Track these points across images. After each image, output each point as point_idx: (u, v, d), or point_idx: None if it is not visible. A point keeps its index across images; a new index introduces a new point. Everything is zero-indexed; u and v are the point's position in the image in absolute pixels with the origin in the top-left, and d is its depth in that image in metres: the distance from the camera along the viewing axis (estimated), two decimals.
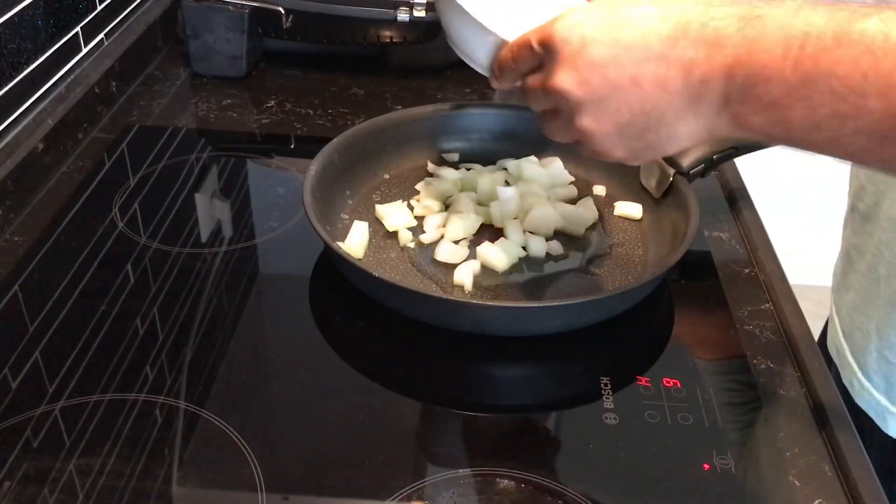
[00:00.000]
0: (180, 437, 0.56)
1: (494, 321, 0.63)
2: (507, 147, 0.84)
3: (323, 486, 0.52)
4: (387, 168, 0.82)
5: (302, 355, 0.64)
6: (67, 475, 0.52)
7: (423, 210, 0.77)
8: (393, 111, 0.86)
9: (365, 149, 0.80)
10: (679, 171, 0.72)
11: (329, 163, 0.75)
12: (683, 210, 0.70)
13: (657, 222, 0.75)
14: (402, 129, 0.83)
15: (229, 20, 0.99)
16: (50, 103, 0.86)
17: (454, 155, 0.84)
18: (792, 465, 0.55)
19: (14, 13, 0.80)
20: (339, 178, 0.77)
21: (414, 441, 0.57)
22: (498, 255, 0.70)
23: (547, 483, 0.53)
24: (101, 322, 0.65)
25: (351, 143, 0.78)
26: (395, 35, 1.01)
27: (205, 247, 0.75)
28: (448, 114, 0.85)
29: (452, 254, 0.71)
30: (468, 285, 0.68)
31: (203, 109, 0.97)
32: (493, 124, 0.85)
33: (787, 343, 0.65)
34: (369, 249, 0.72)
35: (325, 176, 0.74)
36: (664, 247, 0.71)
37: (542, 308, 0.65)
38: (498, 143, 0.85)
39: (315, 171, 0.73)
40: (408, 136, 0.83)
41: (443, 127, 0.85)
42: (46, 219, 0.77)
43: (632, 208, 0.77)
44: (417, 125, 0.84)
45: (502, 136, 0.85)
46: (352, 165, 0.78)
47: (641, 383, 0.61)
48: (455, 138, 0.85)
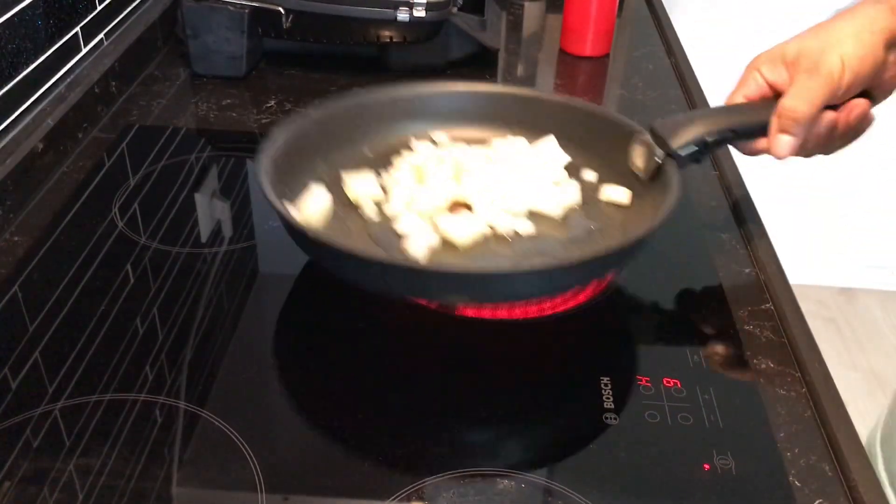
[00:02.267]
0: (180, 437, 0.56)
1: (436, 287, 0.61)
2: (501, 128, 0.80)
3: (323, 486, 0.52)
4: (370, 143, 0.78)
5: (302, 355, 0.64)
6: (67, 475, 0.52)
7: (392, 181, 0.73)
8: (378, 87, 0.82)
9: (346, 120, 0.77)
10: (669, 153, 0.68)
11: (301, 128, 0.72)
12: (667, 191, 0.66)
13: (641, 208, 0.71)
14: (388, 105, 0.79)
15: (229, 20, 0.99)
16: (50, 103, 0.86)
17: (441, 134, 0.80)
18: (792, 465, 0.55)
19: (14, 13, 0.80)
20: (312, 146, 0.73)
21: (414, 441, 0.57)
22: (458, 227, 0.66)
23: (547, 483, 0.53)
24: (101, 322, 0.65)
25: (331, 112, 0.76)
26: (395, 35, 1.01)
27: (205, 247, 0.75)
28: (440, 93, 0.82)
29: (414, 226, 0.66)
30: (421, 259, 0.64)
31: (203, 109, 0.97)
32: (488, 104, 0.81)
33: (787, 343, 0.65)
34: (332, 221, 0.69)
35: (294, 141, 0.70)
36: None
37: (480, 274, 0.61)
38: (493, 123, 0.81)
39: (282, 133, 0.70)
40: (394, 113, 0.80)
41: (433, 106, 0.81)
42: (46, 219, 0.77)
43: (619, 193, 0.73)
44: (404, 103, 0.80)
45: (498, 117, 0.81)
46: (329, 136, 0.75)
47: (641, 383, 0.61)
48: (446, 118, 0.81)
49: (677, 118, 0.70)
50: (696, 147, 0.68)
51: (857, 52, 0.64)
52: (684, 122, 0.69)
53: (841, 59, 0.64)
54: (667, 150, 0.68)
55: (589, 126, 0.78)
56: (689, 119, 0.70)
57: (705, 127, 0.68)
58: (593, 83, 1.12)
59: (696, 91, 1.05)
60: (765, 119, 0.67)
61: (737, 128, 0.69)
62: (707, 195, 0.84)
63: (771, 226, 0.79)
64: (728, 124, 0.69)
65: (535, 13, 1.31)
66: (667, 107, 1.02)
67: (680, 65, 1.12)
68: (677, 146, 0.68)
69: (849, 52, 0.64)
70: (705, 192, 0.84)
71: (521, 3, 1.32)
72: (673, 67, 1.13)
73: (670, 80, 1.09)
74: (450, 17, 1.03)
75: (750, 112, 0.69)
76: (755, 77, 0.70)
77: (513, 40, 1.23)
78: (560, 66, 1.14)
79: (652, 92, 1.06)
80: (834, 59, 0.64)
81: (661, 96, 1.05)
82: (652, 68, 1.13)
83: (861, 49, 0.64)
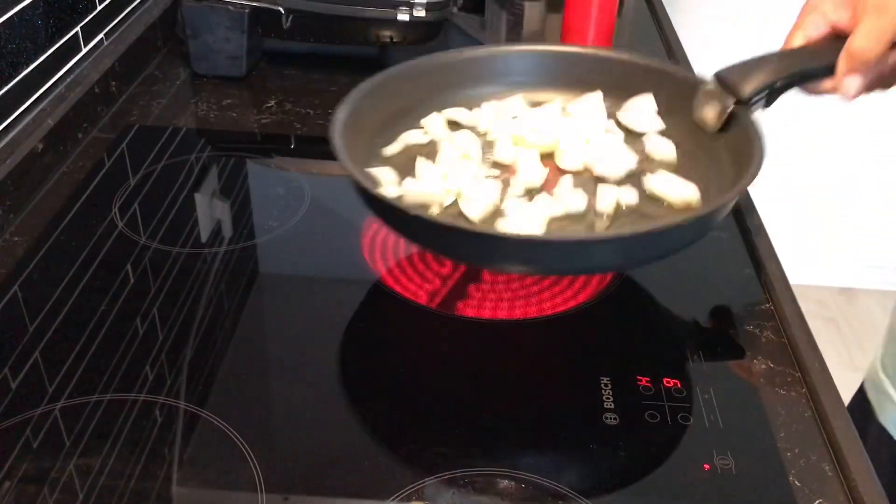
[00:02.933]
0: (180, 437, 0.56)
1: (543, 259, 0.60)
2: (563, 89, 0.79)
3: (323, 486, 0.52)
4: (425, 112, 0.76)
5: (302, 355, 0.64)
6: (67, 475, 0.52)
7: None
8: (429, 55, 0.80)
9: (398, 93, 0.75)
10: (740, 99, 0.66)
11: (356, 108, 0.70)
12: (746, 140, 0.64)
13: (712, 160, 0.69)
14: (441, 73, 0.78)
15: (229, 20, 0.99)
16: (50, 103, 0.86)
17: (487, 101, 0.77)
18: (792, 465, 0.55)
19: (14, 13, 0.80)
20: (367, 124, 0.72)
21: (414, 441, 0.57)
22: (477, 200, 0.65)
23: (547, 483, 0.53)
24: (101, 322, 0.65)
25: (380, 86, 0.74)
26: (395, 35, 1.01)
27: (205, 247, 0.75)
28: (492, 55, 0.80)
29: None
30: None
31: (203, 109, 0.97)
32: (543, 65, 0.80)
33: (787, 343, 0.65)
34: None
35: (352, 121, 0.69)
36: (726, 182, 0.65)
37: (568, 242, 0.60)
38: (555, 84, 0.80)
39: (342, 116, 0.68)
40: (449, 81, 0.78)
41: (488, 69, 0.79)
42: (46, 219, 0.77)
43: (664, 148, 0.71)
44: (460, 68, 0.78)
45: (558, 79, 0.79)
46: (382, 111, 0.73)
47: (641, 383, 0.61)
48: (508, 81, 0.79)
49: (744, 64, 0.68)
50: (766, 92, 0.67)
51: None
52: (752, 68, 0.67)
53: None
54: (738, 96, 0.67)
55: (647, 79, 0.76)
56: (757, 64, 0.68)
57: (774, 72, 0.67)
58: None
59: None
60: (831, 60, 0.66)
61: (805, 71, 0.67)
62: None
63: (771, 226, 0.79)
64: (797, 67, 0.67)
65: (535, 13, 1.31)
66: None
67: (680, 65, 1.12)
68: (749, 92, 0.66)
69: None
70: None
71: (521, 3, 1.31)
72: None
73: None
74: (450, 17, 1.03)
75: (816, 54, 0.67)
76: (815, 17, 0.68)
77: (513, 40, 1.23)
78: None
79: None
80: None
81: None
82: None
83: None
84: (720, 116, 0.69)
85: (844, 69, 0.65)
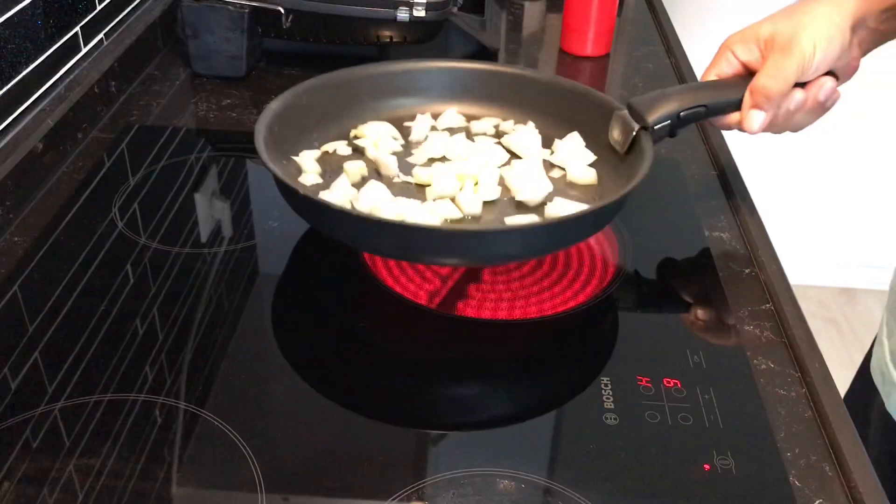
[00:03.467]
0: (180, 437, 0.56)
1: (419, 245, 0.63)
2: (487, 105, 0.85)
3: (323, 486, 0.52)
4: (362, 118, 0.82)
5: (302, 355, 0.64)
6: (67, 475, 0.52)
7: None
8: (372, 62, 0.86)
9: (340, 94, 0.81)
10: (643, 126, 0.71)
11: (294, 102, 0.76)
12: (640, 161, 0.69)
13: (615, 180, 0.74)
14: (381, 80, 0.83)
15: (229, 20, 0.99)
16: (50, 103, 0.86)
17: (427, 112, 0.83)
18: (792, 465, 0.55)
19: (14, 13, 0.80)
20: (306, 118, 0.77)
21: (414, 441, 0.57)
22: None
23: (547, 483, 0.53)
24: (101, 322, 0.65)
25: (323, 86, 0.79)
26: (395, 35, 1.01)
27: (205, 247, 0.75)
28: (426, 69, 0.85)
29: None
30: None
31: (203, 109, 0.97)
32: (473, 82, 0.85)
33: (787, 343, 0.65)
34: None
35: (287, 113, 0.74)
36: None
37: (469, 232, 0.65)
38: (478, 101, 0.85)
39: (276, 105, 0.74)
40: (388, 89, 0.83)
41: (427, 82, 0.85)
42: (46, 219, 0.77)
43: (585, 173, 0.76)
44: (399, 78, 0.84)
45: (483, 95, 0.85)
46: (323, 109, 0.79)
47: (641, 383, 0.61)
48: (430, 95, 0.85)
49: (653, 94, 0.73)
50: (669, 121, 0.71)
51: (827, 33, 0.67)
52: (659, 98, 0.73)
53: (813, 40, 0.67)
54: (642, 123, 0.72)
55: (575, 103, 0.82)
56: (665, 95, 0.73)
57: (679, 102, 0.72)
58: (593, 83, 1.12)
59: None
60: (737, 95, 0.71)
61: (709, 103, 0.72)
62: (707, 195, 0.84)
63: (771, 226, 0.80)
64: (701, 100, 0.72)
65: (535, 13, 1.31)
66: None
67: (680, 65, 1.12)
68: (652, 120, 0.71)
69: (820, 33, 0.67)
70: (706, 192, 0.84)
71: (521, 3, 1.32)
72: (673, 67, 1.13)
73: (670, 80, 1.10)
74: (450, 16, 1.03)
75: (723, 89, 0.73)
76: (728, 56, 0.73)
77: (513, 40, 1.23)
78: (560, 66, 1.14)
79: (652, 92, 1.06)
80: (807, 39, 0.67)
81: None
82: (652, 68, 1.13)
83: (831, 30, 0.67)
84: (626, 140, 0.73)
85: (749, 104, 0.70)
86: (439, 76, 0.85)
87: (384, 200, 0.69)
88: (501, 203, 0.73)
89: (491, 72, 0.86)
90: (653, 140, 0.71)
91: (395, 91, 0.84)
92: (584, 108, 0.81)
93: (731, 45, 0.73)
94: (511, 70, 0.87)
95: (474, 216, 0.71)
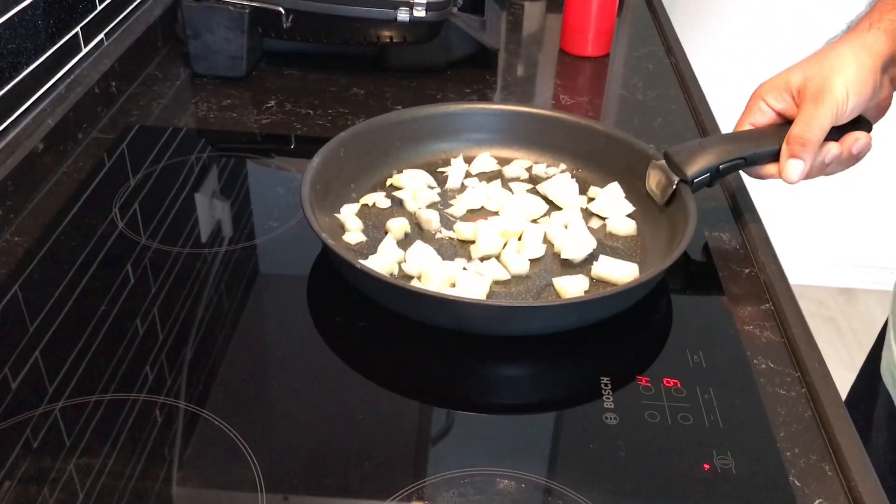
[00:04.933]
0: (180, 437, 0.56)
1: (477, 319, 0.63)
2: (521, 148, 0.85)
3: (323, 486, 0.52)
4: (397, 165, 0.82)
5: (302, 355, 0.64)
6: (67, 475, 0.52)
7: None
8: (397, 109, 0.86)
9: (374, 144, 0.80)
10: (683, 179, 0.71)
11: (333, 156, 0.75)
12: (683, 217, 0.69)
13: (655, 231, 0.74)
14: (414, 126, 0.83)
15: (229, 20, 0.99)
16: (50, 103, 0.86)
17: (458, 160, 0.84)
18: (792, 465, 0.55)
19: (14, 13, 0.80)
20: (344, 172, 0.77)
21: (414, 441, 0.57)
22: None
23: (547, 483, 0.53)
24: (101, 322, 0.65)
25: (357, 137, 0.79)
26: (395, 35, 1.01)
27: (205, 247, 0.75)
28: (464, 111, 0.85)
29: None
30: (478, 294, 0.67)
31: (203, 109, 0.97)
32: (510, 124, 0.85)
33: (787, 343, 0.65)
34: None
35: (327, 169, 0.74)
36: (660, 254, 0.71)
37: (527, 308, 0.65)
38: (513, 144, 0.85)
39: (317, 163, 0.73)
40: (420, 134, 0.83)
41: (459, 125, 0.85)
42: (46, 219, 0.77)
43: (625, 224, 0.76)
44: (431, 122, 0.84)
45: (517, 138, 0.85)
46: (359, 161, 0.79)
47: (641, 383, 0.61)
48: (465, 139, 0.85)
49: (691, 145, 0.73)
50: (708, 174, 0.71)
51: (858, 76, 0.67)
52: (698, 150, 0.72)
53: (845, 85, 0.67)
54: (682, 176, 0.71)
55: (609, 148, 0.81)
56: (703, 147, 0.72)
57: (718, 155, 0.71)
58: (593, 83, 1.12)
59: (696, 91, 1.05)
60: (774, 146, 0.71)
61: (748, 155, 0.71)
62: (707, 195, 0.84)
63: (771, 226, 0.80)
64: (740, 152, 0.71)
65: (535, 13, 1.31)
66: (666, 107, 1.02)
67: (680, 65, 1.12)
68: (692, 173, 0.71)
69: (851, 78, 0.67)
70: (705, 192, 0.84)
71: (521, 3, 1.32)
72: (673, 67, 1.13)
73: (670, 80, 1.10)
74: (450, 17, 1.03)
75: (760, 139, 0.72)
76: (761, 106, 0.73)
77: (513, 40, 1.23)
78: (560, 66, 1.14)
79: (652, 92, 1.06)
80: (839, 85, 0.67)
81: (661, 96, 1.05)
82: (652, 68, 1.13)
83: (862, 74, 0.67)
84: (666, 191, 0.73)
85: (787, 154, 0.70)
86: (471, 118, 0.85)
87: (433, 262, 0.69)
88: (546, 259, 0.72)
89: (523, 114, 0.86)
90: (692, 191, 0.71)
91: (427, 135, 0.84)
92: (619, 153, 0.80)
93: (764, 95, 0.72)
94: (545, 113, 0.86)
95: (521, 276, 0.70)
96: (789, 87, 0.70)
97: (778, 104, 0.72)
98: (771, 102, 0.72)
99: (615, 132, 0.82)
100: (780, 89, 0.71)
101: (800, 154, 0.69)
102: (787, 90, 0.71)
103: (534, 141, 0.85)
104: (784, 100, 0.71)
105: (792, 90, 0.70)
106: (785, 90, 0.71)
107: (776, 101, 0.72)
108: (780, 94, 0.71)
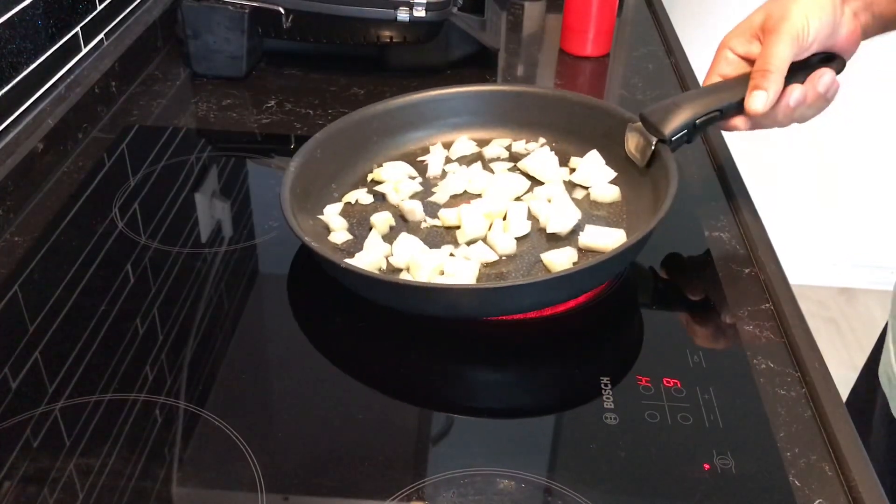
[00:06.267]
0: (180, 437, 0.56)
1: (468, 305, 0.63)
2: (498, 126, 0.85)
3: (323, 486, 0.52)
4: (376, 160, 0.82)
5: (302, 355, 0.64)
6: (67, 475, 0.52)
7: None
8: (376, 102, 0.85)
9: (350, 141, 0.80)
10: (661, 138, 0.71)
11: (310, 158, 0.75)
12: (664, 176, 0.69)
13: (639, 194, 0.74)
14: (388, 118, 0.82)
15: (229, 20, 0.99)
16: (50, 103, 0.86)
17: (440, 142, 0.83)
18: (792, 465, 0.55)
19: (14, 13, 0.80)
20: (323, 172, 0.77)
21: (414, 441, 0.57)
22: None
23: (547, 483, 0.53)
24: (101, 322, 0.65)
25: (333, 136, 0.78)
26: (395, 35, 1.01)
27: (205, 247, 0.75)
28: (437, 97, 0.85)
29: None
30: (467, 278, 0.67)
31: (203, 109, 0.97)
32: (485, 104, 0.85)
33: (787, 343, 0.65)
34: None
35: (306, 172, 0.74)
36: (645, 217, 0.70)
37: (514, 287, 0.63)
38: (489, 123, 0.85)
39: (294, 167, 0.73)
40: (395, 126, 0.83)
41: (433, 112, 0.84)
42: (46, 219, 0.77)
43: (608, 191, 0.76)
44: (405, 112, 0.83)
45: (492, 115, 0.85)
46: (337, 159, 0.78)
47: (641, 383, 0.61)
48: (442, 124, 0.85)
49: (665, 104, 0.73)
50: (685, 130, 0.71)
51: (817, 3, 0.68)
52: (672, 108, 0.72)
53: (804, 13, 0.68)
54: (659, 136, 0.71)
55: (584, 116, 0.81)
56: (677, 104, 0.72)
57: (693, 110, 0.71)
58: (593, 83, 1.12)
59: None
60: (744, 94, 0.70)
61: (723, 107, 0.71)
62: (707, 195, 0.84)
63: (771, 226, 0.80)
64: (716, 104, 0.71)
65: (535, 13, 1.31)
66: None
67: (680, 65, 1.12)
68: (669, 132, 0.71)
69: (811, 8, 0.68)
70: (705, 192, 0.84)
71: (521, 3, 1.32)
72: (673, 67, 1.13)
73: (670, 80, 1.09)
74: (450, 17, 1.03)
75: (732, 89, 0.72)
76: (726, 55, 0.73)
77: (513, 40, 1.23)
78: (560, 66, 1.14)
79: (652, 92, 1.06)
80: (797, 13, 0.68)
81: (661, 96, 1.05)
82: (652, 68, 1.13)
83: (820, 1, 0.68)
84: (645, 153, 0.73)
85: (750, 86, 0.69)
86: (444, 103, 0.85)
87: (419, 253, 0.69)
88: (532, 236, 0.72)
89: (496, 92, 0.86)
90: (671, 150, 0.70)
91: (403, 126, 0.83)
92: (595, 120, 0.80)
93: (728, 43, 0.73)
94: (516, 88, 0.86)
95: (509, 255, 0.70)
96: (753, 29, 0.71)
97: (743, 48, 0.72)
98: (736, 48, 0.72)
99: (589, 100, 0.82)
100: (744, 33, 0.72)
101: (762, 84, 0.68)
102: (750, 32, 0.71)
103: (510, 118, 0.85)
104: (749, 42, 0.71)
105: (755, 31, 0.71)
106: (749, 33, 0.71)
107: (741, 46, 0.72)
108: (744, 37, 0.72)
